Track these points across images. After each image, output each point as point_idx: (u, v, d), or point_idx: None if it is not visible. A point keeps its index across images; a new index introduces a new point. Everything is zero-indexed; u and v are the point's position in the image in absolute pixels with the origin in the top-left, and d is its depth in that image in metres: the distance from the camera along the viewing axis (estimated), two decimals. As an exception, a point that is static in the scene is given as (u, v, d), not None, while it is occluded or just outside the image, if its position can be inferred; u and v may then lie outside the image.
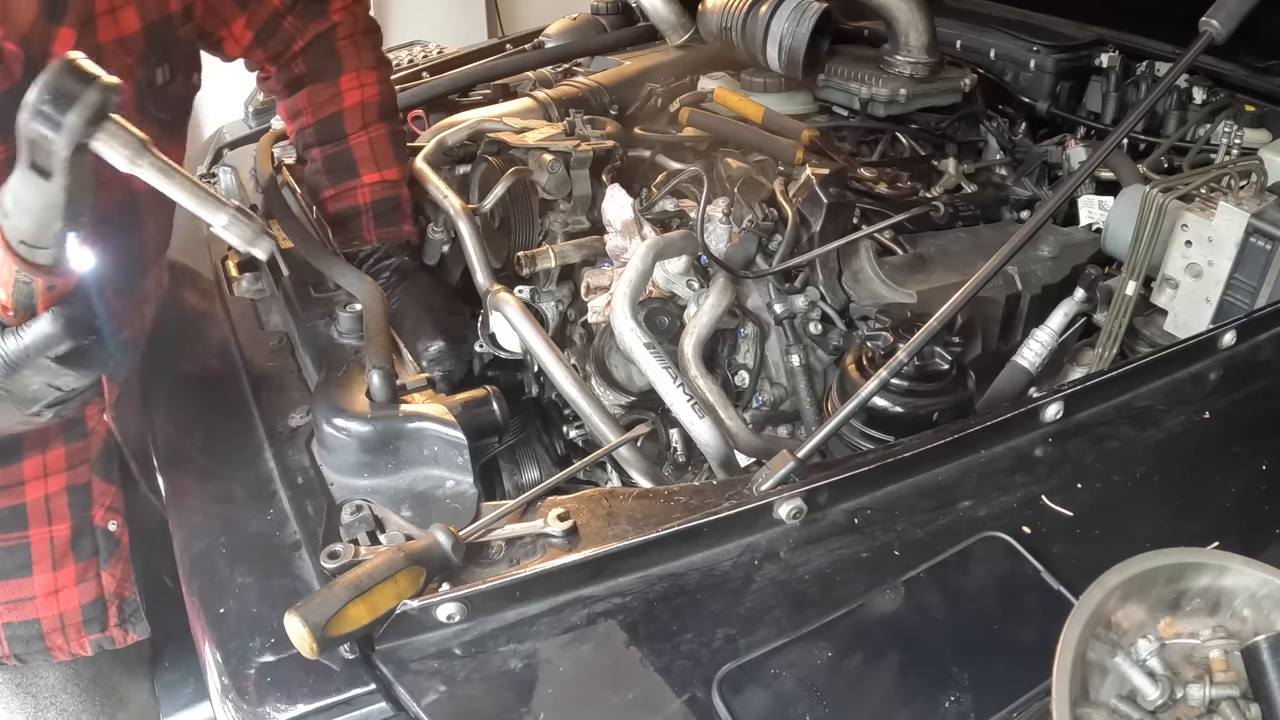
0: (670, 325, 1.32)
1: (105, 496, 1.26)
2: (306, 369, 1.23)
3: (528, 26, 2.48)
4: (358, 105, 1.46)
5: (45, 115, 0.77)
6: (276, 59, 1.45)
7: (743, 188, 1.46)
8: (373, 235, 1.47)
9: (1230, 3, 1.09)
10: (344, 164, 1.47)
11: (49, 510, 1.21)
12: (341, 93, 1.46)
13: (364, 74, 1.47)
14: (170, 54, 1.16)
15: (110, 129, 0.80)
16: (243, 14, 1.35)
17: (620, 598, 0.85)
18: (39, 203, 0.81)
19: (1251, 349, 1.14)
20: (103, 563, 1.27)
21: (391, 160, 1.49)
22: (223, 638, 0.89)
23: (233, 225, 0.89)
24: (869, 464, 0.94)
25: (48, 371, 0.90)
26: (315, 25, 1.42)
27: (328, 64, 1.45)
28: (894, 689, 0.78)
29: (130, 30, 1.08)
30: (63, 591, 1.25)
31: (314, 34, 1.43)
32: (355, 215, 1.47)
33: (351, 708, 0.80)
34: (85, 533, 1.24)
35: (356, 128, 1.47)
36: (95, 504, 1.25)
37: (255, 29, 1.36)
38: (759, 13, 1.80)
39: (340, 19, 1.44)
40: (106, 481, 1.26)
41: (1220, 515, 0.94)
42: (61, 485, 1.21)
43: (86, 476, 1.23)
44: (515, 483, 1.36)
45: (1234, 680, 0.75)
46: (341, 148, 1.47)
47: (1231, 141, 1.57)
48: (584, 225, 1.52)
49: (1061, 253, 1.52)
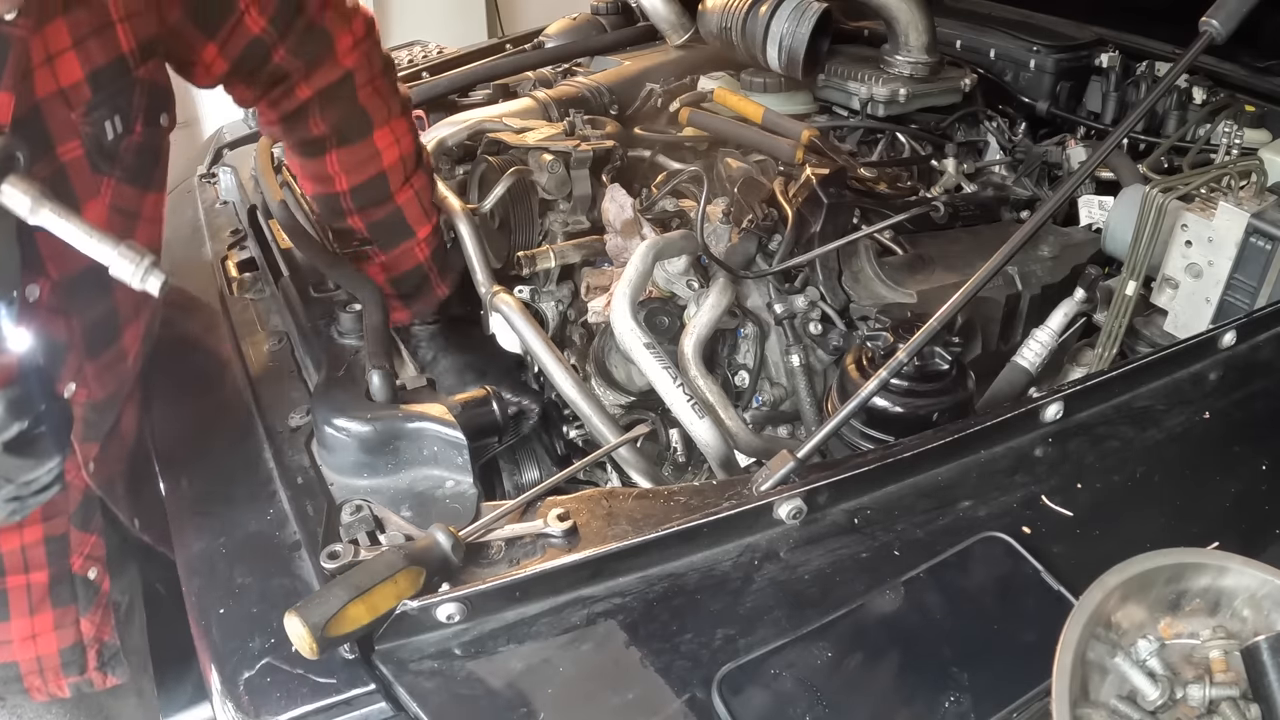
0: (670, 325, 1.32)
1: (84, 545, 1.22)
2: (306, 369, 1.23)
3: (528, 26, 2.48)
4: (398, 162, 1.33)
5: None
6: (276, 103, 1.28)
7: (743, 188, 1.46)
8: (444, 288, 1.42)
9: (1230, 3, 1.09)
10: (395, 227, 1.36)
11: (25, 559, 1.17)
12: (379, 152, 1.31)
13: (396, 125, 1.33)
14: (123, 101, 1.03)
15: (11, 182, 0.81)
16: (211, 42, 1.17)
17: (620, 598, 0.85)
18: None
19: (1251, 349, 1.14)
20: (82, 610, 1.23)
21: (434, 208, 1.40)
22: (223, 638, 0.89)
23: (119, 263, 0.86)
24: (869, 464, 0.94)
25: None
26: (325, 73, 1.25)
27: (355, 123, 1.29)
28: (894, 689, 0.78)
29: (71, 80, 0.97)
30: (40, 636, 1.21)
31: (325, 83, 1.26)
32: (422, 278, 1.40)
33: (351, 708, 0.80)
34: (64, 580, 1.20)
35: (400, 184, 1.34)
36: (74, 553, 1.20)
37: (232, 58, 1.19)
38: (759, 13, 1.80)
39: (354, 64, 1.27)
40: (86, 532, 1.21)
41: (1220, 515, 0.94)
42: (39, 536, 1.16)
43: (64, 527, 1.19)
44: (515, 483, 1.36)
45: (1234, 680, 0.75)
46: (389, 210, 1.35)
47: (1231, 141, 1.57)
48: (584, 225, 1.52)
49: (1061, 253, 1.52)
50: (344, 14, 1.26)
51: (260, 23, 1.17)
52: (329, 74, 1.25)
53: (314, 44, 1.23)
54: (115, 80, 1.01)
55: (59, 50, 0.95)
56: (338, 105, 1.27)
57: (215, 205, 1.74)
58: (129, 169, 1.06)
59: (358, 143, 1.30)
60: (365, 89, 1.28)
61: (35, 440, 0.86)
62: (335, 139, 1.29)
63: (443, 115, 1.85)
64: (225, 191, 1.74)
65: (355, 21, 1.27)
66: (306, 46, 1.22)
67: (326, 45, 1.24)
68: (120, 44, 1.02)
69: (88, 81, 0.98)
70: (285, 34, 1.20)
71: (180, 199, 1.83)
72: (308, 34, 1.22)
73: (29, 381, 0.86)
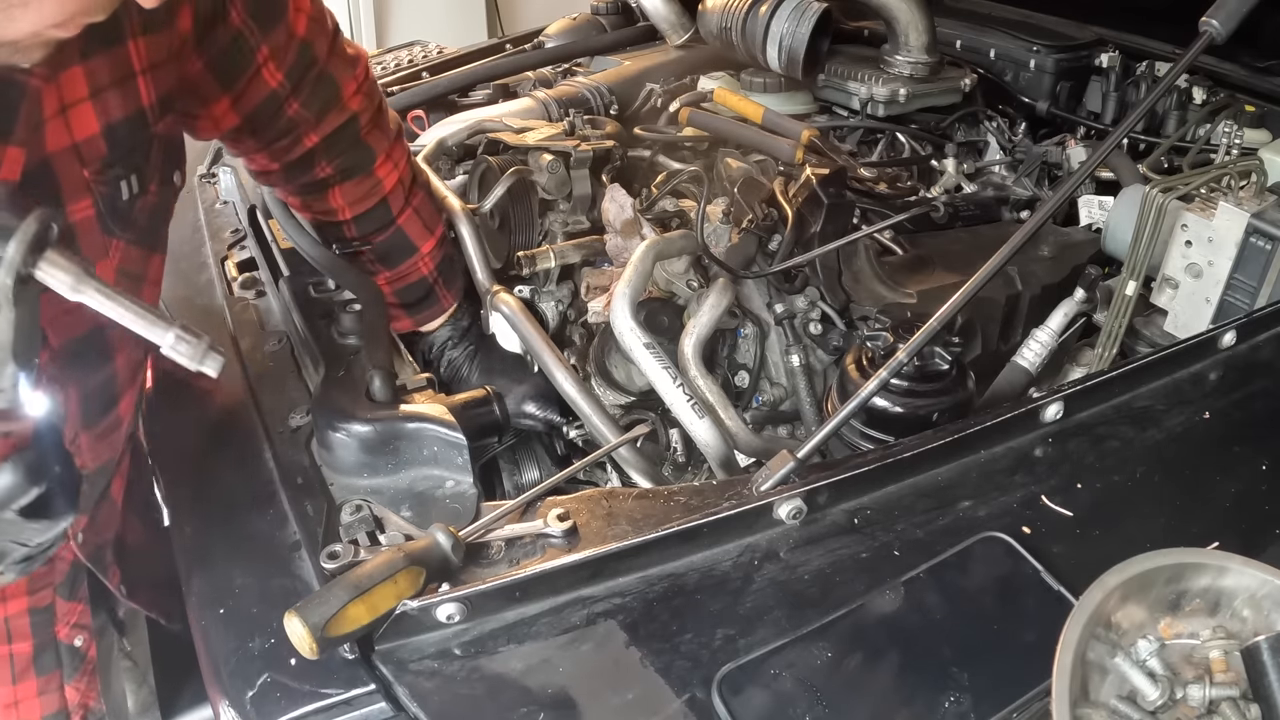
0: (670, 325, 1.32)
1: (70, 615, 1.20)
2: (306, 369, 1.23)
3: (528, 26, 2.48)
4: (397, 185, 1.32)
5: None
6: (280, 153, 1.24)
7: (743, 188, 1.46)
8: (449, 298, 1.40)
9: (1230, 3, 1.09)
10: (399, 246, 1.34)
11: (9, 630, 1.15)
12: (380, 181, 1.30)
13: (393, 151, 1.32)
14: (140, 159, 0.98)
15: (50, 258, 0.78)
16: (226, 95, 1.12)
17: (620, 598, 0.85)
18: None
19: (1251, 349, 1.14)
20: (66, 677, 1.21)
21: (436, 219, 1.39)
22: (223, 638, 0.89)
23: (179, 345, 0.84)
24: (869, 464, 0.94)
25: (11, 527, 0.83)
26: (333, 117, 1.22)
27: (359, 159, 1.27)
28: (894, 689, 0.78)
29: (87, 134, 0.91)
30: (23, 703, 1.19)
31: (332, 128, 1.23)
32: (427, 291, 1.38)
33: (351, 708, 0.80)
34: (48, 649, 1.19)
35: (400, 206, 1.33)
36: (59, 622, 1.19)
37: (245, 113, 1.15)
38: (759, 13, 1.80)
39: (359, 106, 1.24)
40: (72, 601, 1.20)
41: (1220, 515, 0.94)
42: (23, 607, 1.15)
43: (50, 599, 1.17)
44: (515, 483, 1.36)
45: (1234, 680, 0.75)
46: (392, 232, 1.34)
47: (1231, 141, 1.57)
48: (584, 225, 1.52)
49: (1061, 253, 1.52)
50: (348, 59, 1.23)
51: (277, 76, 1.14)
52: (336, 119, 1.23)
53: (324, 93, 1.20)
54: (133, 135, 0.96)
55: (74, 100, 0.89)
56: (343, 147, 1.25)
57: (215, 205, 1.73)
58: (140, 231, 1.02)
59: (360, 176, 1.28)
60: (367, 126, 1.27)
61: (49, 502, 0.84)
62: (339, 177, 1.27)
63: (443, 115, 1.85)
64: (225, 191, 1.74)
65: (358, 66, 1.25)
66: (318, 97, 1.19)
67: (335, 93, 1.21)
68: (141, 97, 0.96)
69: (104, 136, 0.92)
70: (299, 87, 1.17)
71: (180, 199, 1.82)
72: (319, 84, 1.19)
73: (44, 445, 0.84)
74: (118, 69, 0.93)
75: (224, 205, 1.73)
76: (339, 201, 1.29)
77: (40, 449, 0.83)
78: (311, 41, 1.16)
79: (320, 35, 1.18)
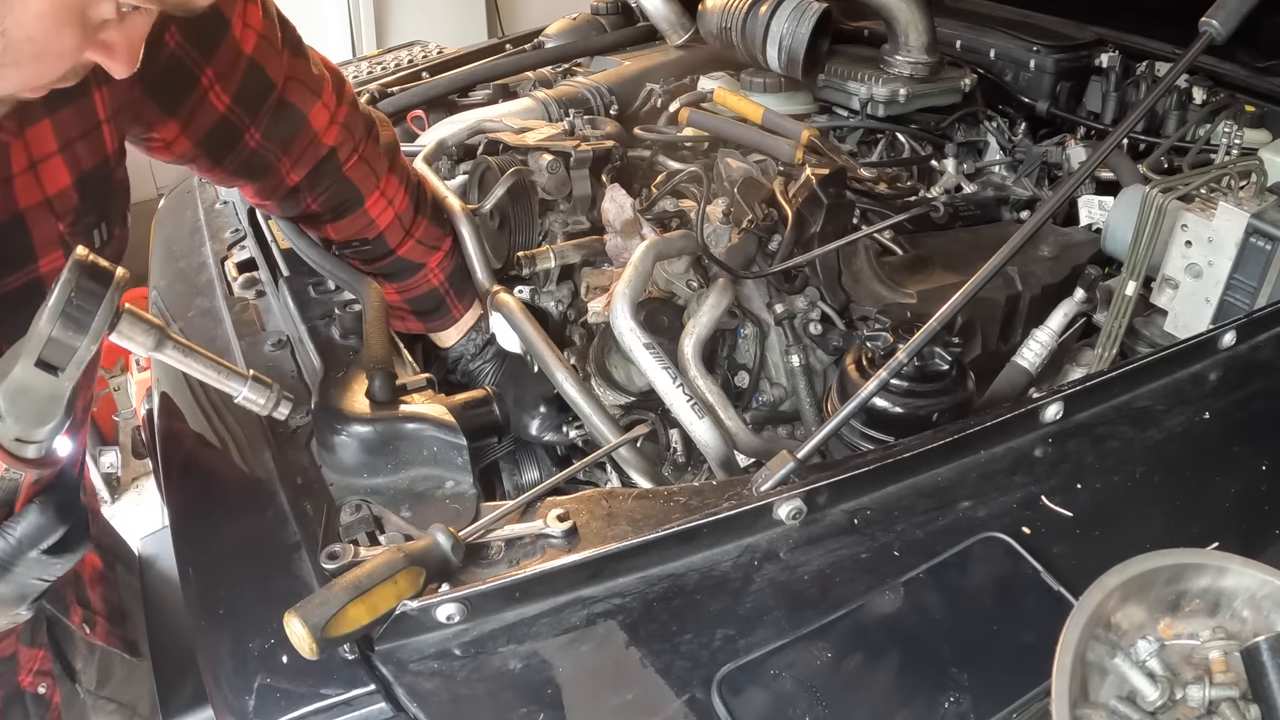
0: (670, 325, 1.32)
1: (32, 662, 1.20)
2: (306, 369, 1.23)
3: (528, 26, 2.48)
4: (394, 222, 1.31)
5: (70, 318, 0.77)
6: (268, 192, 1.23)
7: (743, 188, 1.46)
8: (461, 309, 1.39)
9: (1230, 3, 1.09)
10: (404, 268, 1.35)
11: None
12: (373, 220, 1.29)
13: (386, 185, 1.28)
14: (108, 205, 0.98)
15: (128, 321, 0.82)
16: (172, 119, 1.09)
17: (620, 598, 0.85)
18: (43, 396, 0.79)
19: (1251, 349, 1.14)
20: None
21: (442, 236, 1.37)
22: (222, 639, 0.89)
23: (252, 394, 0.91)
24: (869, 464, 0.94)
25: (38, 565, 0.85)
26: (309, 155, 1.20)
27: (347, 197, 1.26)
28: (894, 689, 0.78)
29: (59, 187, 0.91)
30: None
31: (309, 165, 1.21)
32: (439, 301, 1.38)
33: (351, 708, 0.80)
34: (15, 701, 1.19)
35: (399, 239, 1.32)
36: (22, 670, 1.19)
37: (197, 137, 1.11)
38: (759, 13, 1.80)
39: (336, 140, 1.21)
40: (34, 647, 1.20)
41: (1220, 515, 0.94)
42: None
43: (13, 648, 1.17)
44: (515, 483, 1.36)
45: (1234, 681, 0.75)
46: (392, 259, 1.33)
47: (1231, 141, 1.57)
48: (584, 225, 1.52)
49: (1061, 253, 1.52)
50: (312, 85, 1.18)
51: (224, 99, 1.10)
52: (313, 155, 1.21)
53: (287, 124, 1.16)
54: (99, 185, 0.97)
55: (44, 155, 0.90)
56: (326, 183, 1.24)
57: (215, 205, 1.74)
58: None
59: (351, 215, 1.28)
60: (350, 161, 1.24)
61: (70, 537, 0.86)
62: (330, 215, 1.28)
63: (443, 115, 1.85)
64: (225, 191, 1.74)
65: (325, 91, 1.20)
66: (280, 128, 1.16)
67: (300, 123, 1.17)
68: (106, 145, 0.97)
69: (75, 188, 0.93)
70: (257, 115, 1.13)
71: (180, 199, 1.83)
72: (280, 112, 1.15)
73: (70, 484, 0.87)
74: (84, 120, 0.94)
75: (224, 205, 1.73)
76: (334, 235, 1.31)
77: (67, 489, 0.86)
78: (262, 63, 1.11)
79: (271, 56, 1.12)
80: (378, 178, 1.28)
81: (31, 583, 0.86)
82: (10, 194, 0.88)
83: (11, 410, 0.79)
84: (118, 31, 0.77)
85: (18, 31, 0.70)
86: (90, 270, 0.78)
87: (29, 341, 0.78)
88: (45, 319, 0.77)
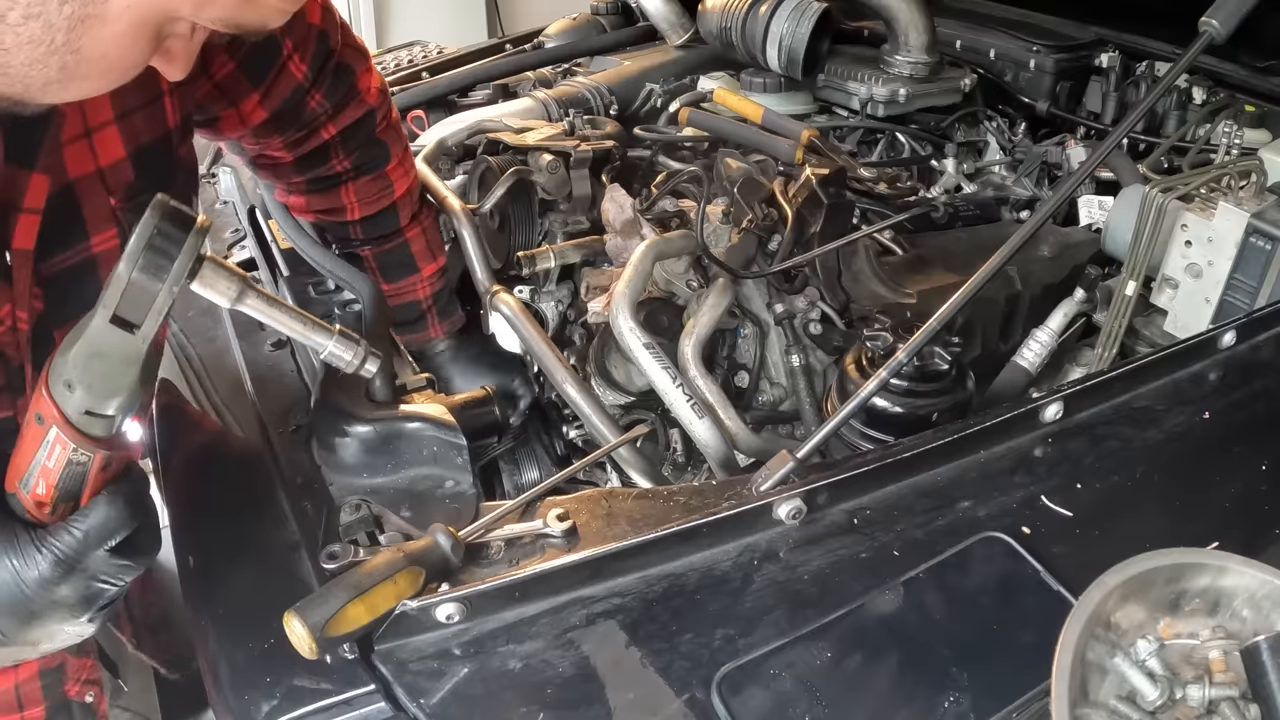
0: (670, 325, 1.32)
1: (81, 671, 1.16)
2: (306, 369, 1.23)
3: (528, 26, 2.48)
4: (406, 194, 1.32)
5: (150, 261, 0.72)
6: (296, 144, 1.22)
7: (743, 188, 1.46)
8: (439, 330, 1.39)
9: (1230, 3, 1.09)
10: (402, 262, 1.34)
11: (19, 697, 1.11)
12: (392, 184, 1.30)
13: (405, 158, 1.31)
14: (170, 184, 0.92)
15: (209, 270, 0.78)
16: (256, 91, 1.10)
17: (620, 598, 0.85)
18: (118, 359, 0.74)
19: (1251, 349, 1.14)
20: None
21: (441, 248, 1.39)
22: (222, 639, 0.89)
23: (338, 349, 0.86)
24: (869, 464, 0.94)
25: (105, 566, 0.78)
26: (351, 110, 1.22)
27: (374, 155, 1.27)
28: (894, 689, 0.78)
29: (113, 159, 0.88)
30: None
31: (350, 120, 1.22)
32: (419, 315, 1.38)
33: (351, 708, 0.80)
34: (61, 711, 1.15)
35: (409, 219, 1.33)
36: (69, 680, 1.15)
37: (273, 108, 1.14)
38: (759, 13, 1.80)
39: (376, 102, 1.25)
40: (82, 657, 1.16)
41: (1220, 515, 0.94)
42: (34, 671, 1.11)
43: (60, 658, 1.13)
44: (515, 483, 1.36)
45: (1233, 681, 0.75)
46: (397, 244, 1.33)
47: (1231, 141, 1.57)
48: (584, 225, 1.52)
49: (1061, 253, 1.52)
50: (359, 50, 1.23)
51: (302, 69, 1.13)
52: (355, 112, 1.23)
53: (342, 84, 1.20)
54: (158, 160, 0.94)
55: (99, 124, 0.87)
56: (359, 141, 1.25)
57: (215, 205, 1.74)
58: None
59: (374, 174, 1.28)
60: (383, 125, 1.27)
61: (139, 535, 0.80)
62: (354, 173, 1.27)
63: (443, 115, 1.86)
64: (225, 191, 1.74)
65: (369, 59, 1.25)
66: (337, 88, 1.19)
67: (351, 83, 1.21)
68: (168, 119, 0.95)
69: (130, 161, 0.90)
70: (320, 78, 1.16)
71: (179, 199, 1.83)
72: (337, 74, 1.19)
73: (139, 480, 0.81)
74: (146, 91, 0.91)
75: (224, 205, 1.73)
76: (350, 198, 1.28)
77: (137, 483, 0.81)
78: (327, 30, 1.16)
79: (332, 24, 1.17)
80: (401, 147, 1.31)
81: (97, 586, 0.79)
82: (60, 162, 0.85)
83: (83, 377, 0.73)
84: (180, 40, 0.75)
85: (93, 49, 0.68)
86: (172, 213, 0.73)
87: (105, 295, 0.73)
88: (124, 263, 0.72)
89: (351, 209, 1.29)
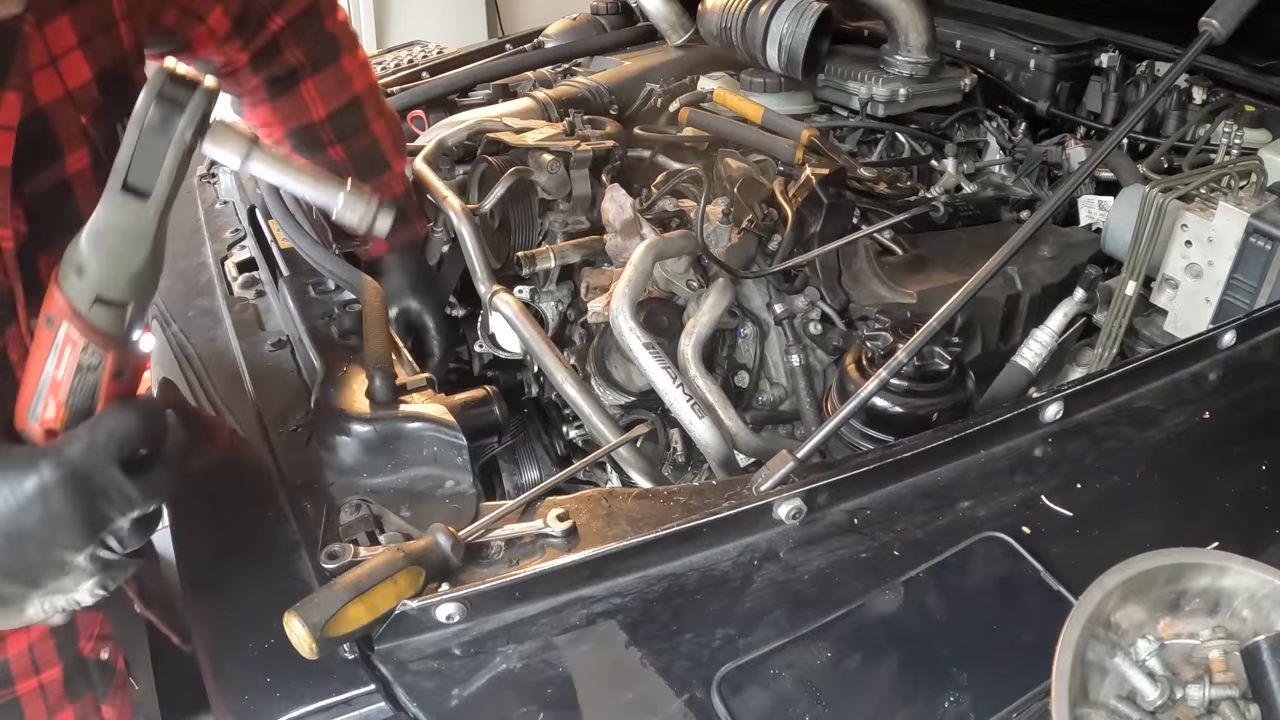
0: (670, 325, 1.32)
1: (91, 626, 1.14)
2: (306, 369, 1.23)
3: (528, 26, 2.48)
4: (367, 90, 1.36)
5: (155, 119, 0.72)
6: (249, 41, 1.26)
7: (743, 188, 1.46)
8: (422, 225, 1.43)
9: (1230, 3, 1.09)
10: (375, 158, 1.37)
11: (34, 659, 1.09)
12: (350, 76, 1.33)
13: (359, 54, 1.35)
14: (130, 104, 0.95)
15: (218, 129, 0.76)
16: (218, 3, 1.17)
17: (620, 598, 0.85)
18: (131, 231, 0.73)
19: (1251, 349, 1.14)
20: (101, 696, 1.16)
21: (403, 145, 1.42)
22: (222, 638, 0.89)
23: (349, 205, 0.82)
24: (869, 464, 0.94)
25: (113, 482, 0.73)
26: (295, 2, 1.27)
27: (326, 47, 1.31)
28: (894, 689, 0.78)
29: (80, 80, 0.91)
30: None
31: (295, 12, 1.27)
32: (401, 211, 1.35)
33: (351, 708, 0.80)
34: (78, 670, 1.13)
35: (375, 114, 1.36)
36: (81, 637, 1.13)
37: (234, 14, 1.19)
38: (759, 13, 1.80)
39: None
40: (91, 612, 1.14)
41: (1220, 515, 0.94)
42: (44, 629, 1.08)
43: None
44: (515, 483, 1.36)
45: (1233, 681, 0.75)
46: (367, 140, 1.36)
47: (1231, 141, 1.57)
48: (584, 225, 1.51)
49: (1061, 253, 1.52)
50: None
51: None
52: (299, 3, 1.27)
53: None
54: (119, 83, 0.96)
55: (64, 50, 0.89)
56: (308, 32, 1.29)
57: (215, 205, 1.73)
58: None
59: (330, 66, 1.32)
60: (329, 18, 1.32)
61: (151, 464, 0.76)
62: (309, 66, 1.30)
63: (443, 115, 1.85)
64: (225, 191, 1.74)
65: None
66: None
67: None
68: (124, 43, 0.98)
69: (96, 82, 0.92)
70: None
71: (180, 199, 1.82)
72: None
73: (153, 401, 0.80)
74: (101, 16, 0.94)
75: (224, 205, 1.73)
76: (311, 94, 1.32)
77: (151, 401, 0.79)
78: None
79: None
80: (353, 43, 1.35)
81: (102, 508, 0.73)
82: (30, 89, 0.86)
83: (94, 254, 0.71)
84: None
85: None
86: (175, 76, 0.73)
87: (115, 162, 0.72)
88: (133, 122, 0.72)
89: (315, 105, 1.32)
